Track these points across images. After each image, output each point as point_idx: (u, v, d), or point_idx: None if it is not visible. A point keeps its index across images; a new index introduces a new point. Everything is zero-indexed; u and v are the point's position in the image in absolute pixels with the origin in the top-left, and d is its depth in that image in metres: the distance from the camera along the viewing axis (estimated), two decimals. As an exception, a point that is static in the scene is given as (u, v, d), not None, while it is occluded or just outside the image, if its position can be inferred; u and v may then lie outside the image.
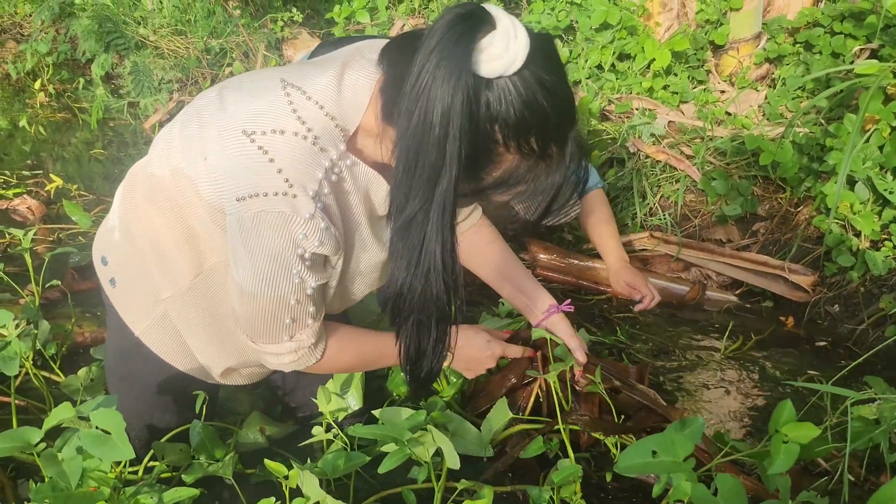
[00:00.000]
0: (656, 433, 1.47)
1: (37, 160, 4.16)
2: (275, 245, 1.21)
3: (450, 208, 1.12)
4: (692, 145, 3.22)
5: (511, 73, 1.07)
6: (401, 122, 1.08)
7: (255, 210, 1.19)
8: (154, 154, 1.37)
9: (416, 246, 1.15)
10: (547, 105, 1.11)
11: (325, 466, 1.51)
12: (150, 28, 4.72)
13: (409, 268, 1.17)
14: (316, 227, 1.21)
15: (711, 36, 3.70)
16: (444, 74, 1.03)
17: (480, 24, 1.05)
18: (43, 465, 1.30)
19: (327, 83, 1.25)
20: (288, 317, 1.30)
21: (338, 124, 1.24)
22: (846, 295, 2.65)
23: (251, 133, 1.21)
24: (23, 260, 2.74)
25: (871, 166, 2.62)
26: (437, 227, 1.12)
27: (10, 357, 1.66)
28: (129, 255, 1.45)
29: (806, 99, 3.32)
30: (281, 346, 1.35)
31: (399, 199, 1.13)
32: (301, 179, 1.19)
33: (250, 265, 1.23)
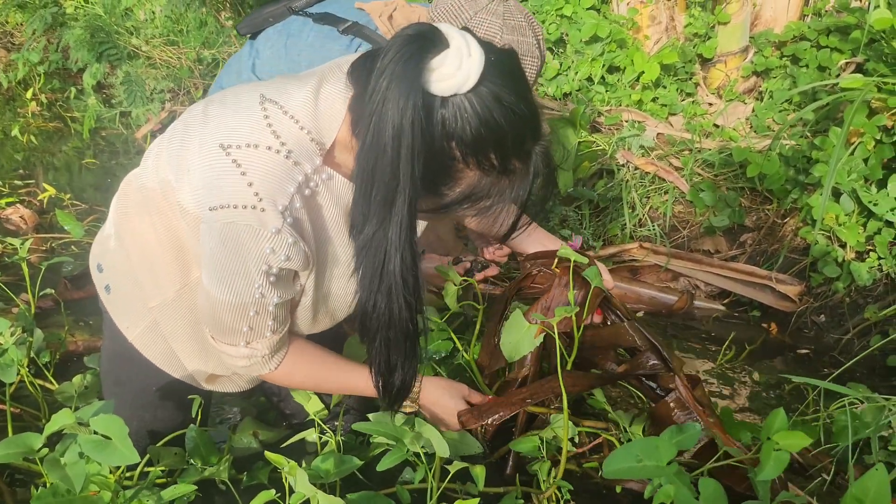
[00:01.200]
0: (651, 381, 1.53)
1: (29, 169, 4.16)
2: (240, 257, 1.23)
3: (406, 226, 1.13)
4: (681, 157, 3.26)
5: (465, 90, 1.08)
6: (358, 143, 1.11)
7: (224, 220, 1.21)
8: (145, 166, 1.40)
9: (378, 265, 1.17)
10: (504, 122, 1.12)
11: (317, 470, 1.53)
12: (143, 38, 4.75)
13: (372, 286, 1.19)
14: (283, 242, 1.22)
15: (700, 49, 3.75)
16: (394, 95, 1.05)
17: (431, 45, 1.07)
18: (46, 470, 1.31)
19: (304, 98, 1.27)
20: (245, 325, 1.32)
21: (313, 138, 1.26)
22: (832, 305, 2.69)
23: (227, 147, 1.23)
24: (15, 269, 2.75)
25: (855, 178, 2.66)
26: (396, 245, 1.14)
27: (7, 364, 1.68)
28: (122, 263, 1.48)
29: (792, 112, 3.37)
30: (236, 350, 1.38)
31: (358, 219, 1.15)
32: (271, 193, 1.21)
33: (215, 272, 1.26)
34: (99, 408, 1.39)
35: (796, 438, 1.40)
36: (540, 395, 1.67)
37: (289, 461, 1.44)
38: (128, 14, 5.06)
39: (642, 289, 2.79)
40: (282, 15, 2.12)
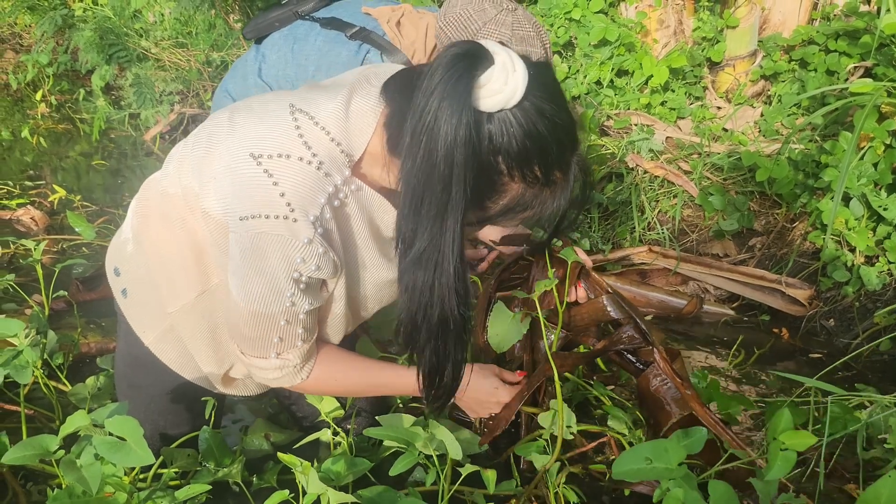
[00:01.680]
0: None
1: (38, 171, 4.18)
2: (271, 266, 1.24)
3: (458, 240, 1.15)
4: (690, 161, 3.26)
5: (511, 105, 1.10)
6: (405, 161, 1.13)
7: (255, 230, 1.22)
8: (167, 171, 1.41)
9: (430, 279, 1.19)
10: (547, 134, 1.14)
11: (328, 472, 1.53)
12: (152, 40, 4.76)
13: (423, 299, 1.21)
14: (314, 252, 1.23)
15: (708, 53, 3.76)
16: (446, 113, 1.07)
17: (479, 62, 1.09)
18: (63, 472, 1.32)
19: (335, 109, 1.28)
20: (276, 336, 1.33)
21: (343, 150, 1.27)
22: (841, 309, 2.69)
23: (258, 156, 1.24)
24: (26, 270, 2.77)
25: (865, 183, 2.66)
26: (449, 259, 1.16)
27: (22, 366, 1.69)
28: (140, 267, 1.48)
29: (801, 116, 3.38)
30: (267, 362, 1.38)
31: (407, 234, 1.17)
32: (303, 204, 1.22)
33: (245, 282, 1.27)
34: (113, 409, 1.40)
35: (802, 438, 1.41)
36: (534, 384, 1.69)
37: (301, 461, 1.45)
38: (137, 16, 5.08)
39: (651, 292, 2.79)
40: (288, 19, 2.12)
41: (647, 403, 1.72)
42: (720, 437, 1.60)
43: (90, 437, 1.36)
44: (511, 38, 1.84)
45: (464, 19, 1.88)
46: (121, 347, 1.67)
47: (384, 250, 1.40)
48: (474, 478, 1.57)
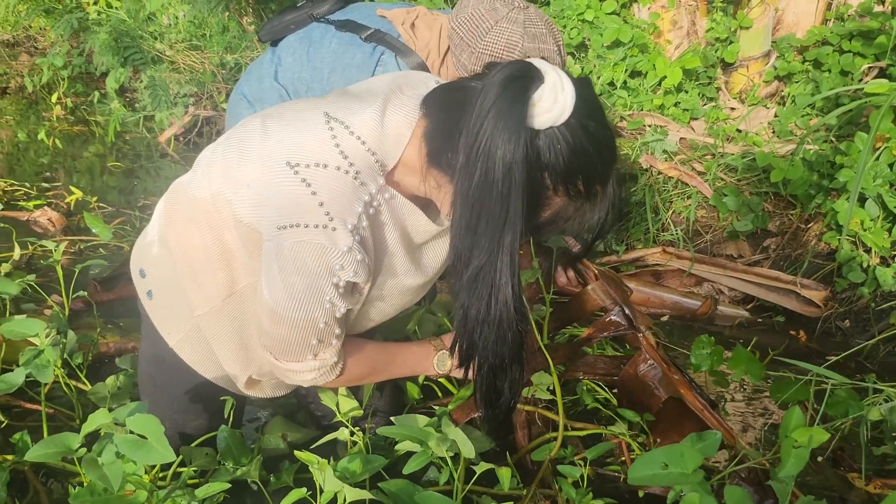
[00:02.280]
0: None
1: (54, 173, 4.22)
2: (311, 274, 1.25)
3: (515, 256, 1.18)
4: (703, 162, 3.26)
5: (560, 123, 1.13)
6: (461, 180, 1.15)
7: (294, 239, 1.23)
8: (194, 176, 1.42)
9: (485, 297, 1.21)
10: (592, 150, 1.17)
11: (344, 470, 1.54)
12: (167, 43, 4.79)
13: (479, 317, 1.24)
14: (352, 259, 1.25)
15: (721, 54, 3.75)
16: (504, 134, 1.10)
17: (532, 81, 1.12)
18: (85, 470, 1.33)
19: (370, 119, 1.31)
20: (315, 338, 1.34)
21: (378, 159, 1.30)
22: (857, 311, 2.68)
23: (295, 165, 1.26)
24: (44, 270, 2.80)
25: (881, 184, 2.66)
26: (506, 276, 1.19)
27: (43, 365, 1.71)
28: (166, 269, 1.49)
29: (815, 116, 3.37)
30: (304, 365, 1.39)
31: (463, 253, 1.20)
32: (341, 213, 1.24)
33: (284, 290, 1.27)
34: (134, 408, 1.42)
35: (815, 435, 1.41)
36: (528, 374, 1.70)
37: (318, 459, 1.46)
38: (151, 19, 5.11)
39: (666, 294, 2.79)
40: (303, 22, 2.13)
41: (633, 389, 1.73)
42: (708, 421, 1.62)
43: (111, 435, 1.37)
44: (523, 36, 1.85)
45: (476, 18, 1.89)
46: (144, 348, 1.68)
47: (413, 257, 1.42)
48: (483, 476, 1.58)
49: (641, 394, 1.71)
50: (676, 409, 1.68)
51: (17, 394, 1.91)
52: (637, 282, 2.82)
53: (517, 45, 1.85)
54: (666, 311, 2.79)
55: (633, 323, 1.70)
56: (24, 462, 1.69)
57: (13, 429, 1.87)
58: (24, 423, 1.98)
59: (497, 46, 1.86)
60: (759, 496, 1.56)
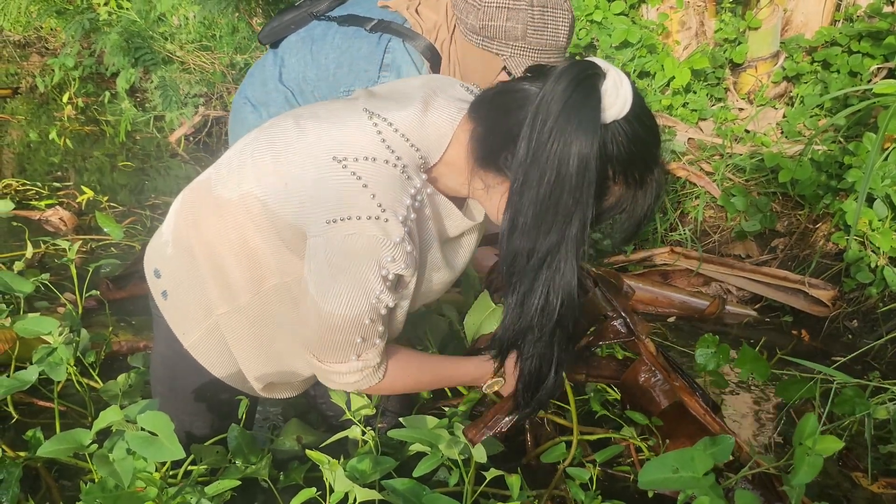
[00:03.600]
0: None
1: (65, 172, 4.25)
2: (361, 267, 1.27)
3: (580, 248, 1.22)
4: (711, 162, 3.26)
5: (622, 116, 1.18)
6: (528, 181, 1.19)
7: (346, 233, 1.25)
8: (219, 176, 1.43)
9: (548, 285, 1.25)
10: (648, 139, 1.23)
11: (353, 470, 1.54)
12: (177, 43, 4.82)
13: (538, 305, 1.27)
14: (403, 251, 1.27)
15: (730, 54, 3.75)
16: (579, 131, 1.14)
17: (598, 79, 1.16)
18: (96, 466, 1.35)
19: (411, 116, 1.34)
20: (359, 336, 1.34)
21: (422, 156, 1.33)
22: (865, 311, 2.68)
23: (343, 159, 1.28)
24: (56, 269, 2.82)
25: (889, 184, 2.66)
26: (571, 266, 1.23)
27: (56, 363, 1.73)
28: (183, 270, 1.50)
29: (824, 117, 3.37)
30: (348, 366, 1.39)
31: (524, 247, 1.23)
32: (392, 205, 1.26)
33: (333, 284, 1.29)
34: (145, 405, 1.43)
35: (828, 443, 1.41)
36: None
37: (329, 459, 1.47)
38: (161, 20, 5.14)
39: (674, 293, 2.80)
40: (303, 21, 2.10)
41: (635, 395, 1.74)
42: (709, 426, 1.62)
43: (122, 432, 1.39)
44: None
45: None
46: (158, 348, 1.68)
47: (446, 253, 1.45)
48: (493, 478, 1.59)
49: (643, 400, 1.72)
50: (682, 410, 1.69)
51: (30, 391, 1.94)
52: (645, 281, 2.83)
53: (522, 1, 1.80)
54: (674, 311, 2.80)
55: (633, 330, 1.70)
56: (37, 458, 1.71)
57: (26, 426, 1.89)
58: (36, 421, 2.00)
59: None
60: (766, 499, 1.56)
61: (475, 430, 1.64)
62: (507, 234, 1.25)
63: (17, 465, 1.66)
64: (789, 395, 2.00)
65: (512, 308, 1.31)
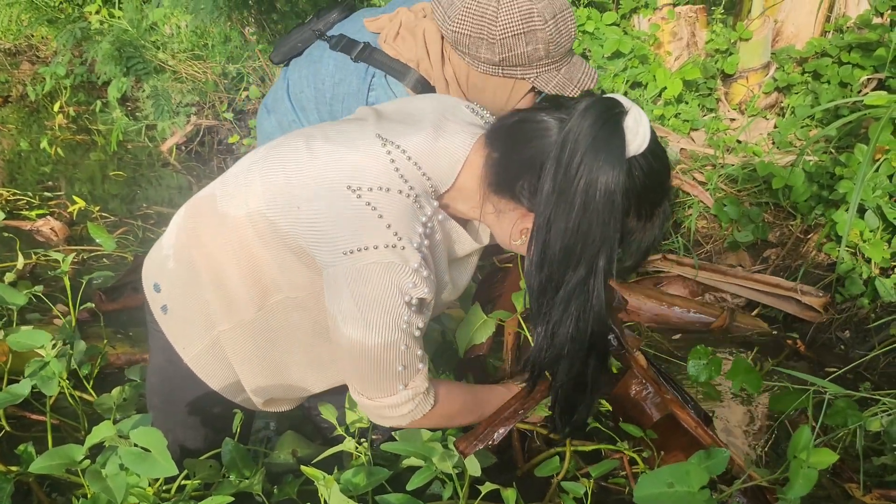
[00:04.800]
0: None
1: (56, 182, 4.23)
2: (384, 295, 1.27)
3: (608, 278, 1.26)
4: (704, 172, 3.28)
5: (640, 152, 1.21)
6: (557, 214, 1.22)
7: (365, 263, 1.26)
8: (225, 192, 1.43)
9: (577, 316, 1.29)
10: (661, 172, 1.27)
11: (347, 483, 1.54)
12: (169, 52, 4.82)
13: (569, 334, 1.31)
14: (421, 277, 1.29)
15: (721, 65, 3.77)
16: (606, 165, 1.17)
17: (622, 115, 1.20)
18: (88, 482, 1.34)
19: (423, 143, 1.36)
20: (399, 364, 1.35)
21: (433, 184, 1.35)
22: (857, 321, 2.69)
23: (357, 189, 1.29)
24: (48, 280, 2.81)
25: (880, 195, 2.67)
26: (599, 296, 1.27)
27: (48, 377, 1.72)
28: (184, 284, 1.49)
29: (815, 128, 3.39)
30: (398, 397, 1.39)
31: (555, 278, 1.27)
32: (407, 233, 1.28)
33: (360, 316, 1.29)
34: (138, 420, 1.43)
35: (823, 456, 1.42)
36: (531, 404, 1.69)
37: (325, 475, 1.47)
38: (153, 29, 5.14)
39: (680, 308, 2.79)
40: (308, 39, 2.11)
41: (627, 408, 1.74)
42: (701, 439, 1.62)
43: (115, 447, 1.38)
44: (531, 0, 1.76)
45: (474, 9, 1.75)
46: (155, 362, 1.66)
47: (452, 273, 1.47)
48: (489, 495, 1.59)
49: (634, 412, 1.72)
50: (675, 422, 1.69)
51: (22, 404, 1.92)
52: (635, 291, 2.82)
53: (533, 12, 1.73)
54: (681, 329, 2.78)
55: (623, 343, 1.71)
56: (29, 474, 1.70)
57: (18, 439, 1.88)
58: (28, 434, 1.99)
59: (514, 24, 1.74)
60: None
61: (466, 442, 1.65)
62: (535, 266, 1.28)
63: (8, 481, 1.65)
64: (782, 407, 2.01)
65: (542, 337, 1.34)
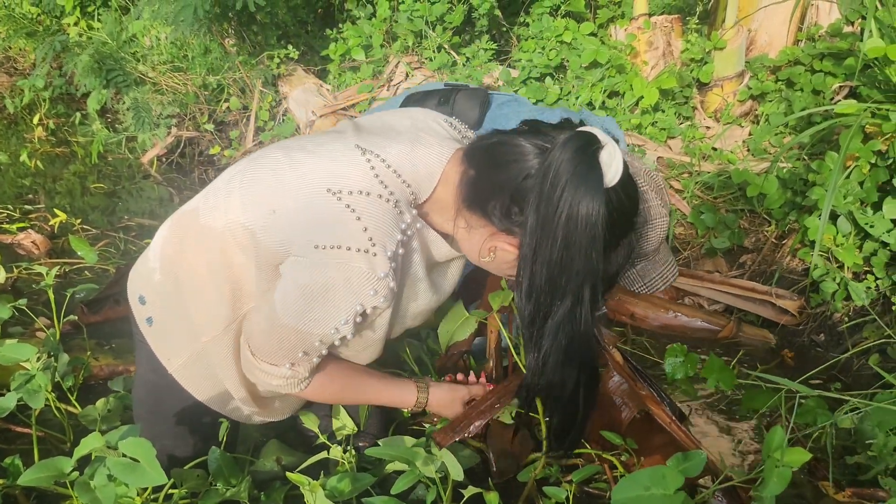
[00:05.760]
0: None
1: (36, 195, 4.21)
2: (337, 296, 1.30)
3: (595, 306, 1.30)
4: (681, 180, 3.33)
5: (615, 182, 1.24)
6: (542, 242, 1.25)
7: (333, 260, 1.28)
8: (206, 205, 1.45)
9: (568, 341, 1.33)
10: (631, 205, 1.31)
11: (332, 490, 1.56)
12: (149, 65, 4.82)
13: (559, 360, 1.36)
14: (386, 286, 1.30)
15: (697, 74, 3.84)
16: (587, 197, 1.21)
17: (599, 149, 1.23)
18: (77, 493, 1.35)
19: (402, 153, 1.38)
20: (302, 351, 1.38)
21: (412, 192, 1.37)
22: (831, 325, 2.75)
23: (337, 192, 1.31)
24: (31, 293, 2.81)
25: (852, 201, 2.73)
26: (588, 321, 1.30)
27: (34, 390, 1.73)
28: (169, 297, 1.51)
29: (789, 135, 3.45)
30: (278, 370, 1.42)
31: (542, 307, 1.31)
32: (382, 239, 1.29)
33: (302, 303, 1.31)
34: (126, 431, 1.44)
35: (796, 454, 1.46)
36: (506, 399, 1.73)
37: (310, 480, 1.49)
38: (133, 41, 5.13)
39: (687, 315, 2.82)
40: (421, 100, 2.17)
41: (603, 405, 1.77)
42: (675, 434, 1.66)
43: (103, 458, 1.39)
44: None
45: None
46: (143, 375, 1.68)
47: (432, 276, 1.48)
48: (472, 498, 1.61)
49: (611, 410, 1.75)
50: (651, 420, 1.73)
51: (7, 417, 1.92)
52: (654, 307, 2.84)
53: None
54: (688, 337, 2.81)
55: (601, 341, 1.74)
56: (16, 486, 1.70)
57: (4, 452, 1.88)
58: (14, 447, 1.99)
59: None
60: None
61: (443, 434, 1.69)
62: (524, 296, 1.32)
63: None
64: (755, 406, 2.06)
65: (534, 364, 1.38)
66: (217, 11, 4.08)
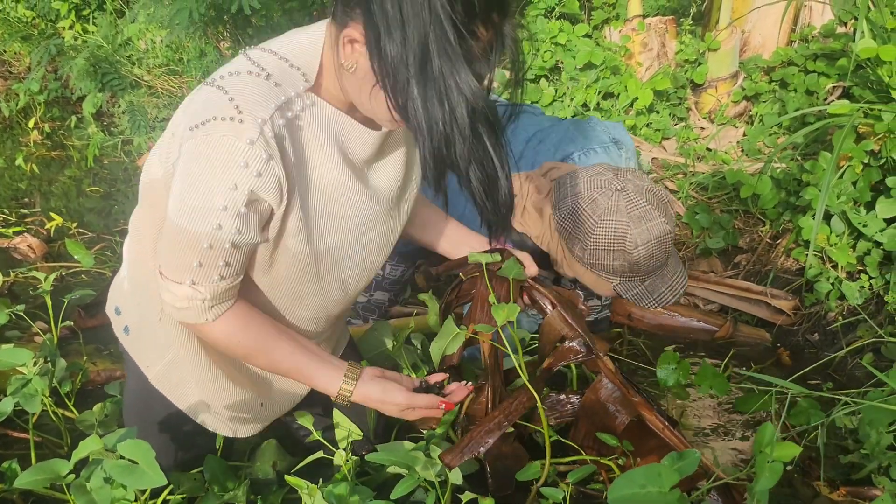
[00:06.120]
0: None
1: (32, 198, 4.21)
2: (210, 175, 1.22)
3: (451, 54, 1.13)
4: (675, 180, 3.34)
5: None
6: (378, 12, 1.12)
7: (201, 135, 1.21)
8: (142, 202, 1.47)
9: (439, 89, 1.15)
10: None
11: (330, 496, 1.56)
12: (145, 68, 4.82)
13: (444, 111, 1.16)
14: (257, 156, 1.20)
15: (691, 75, 3.85)
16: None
17: None
18: (74, 496, 1.36)
19: (284, 38, 1.31)
20: (196, 260, 1.28)
21: (300, 69, 1.28)
22: (825, 324, 2.76)
23: (212, 81, 1.27)
24: (27, 297, 2.81)
25: (845, 201, 2.75)
26: (457, 72, 1.14)
27: (31, 394, 1.73)
28: (138, 305, 1.53)
29: (782, 135, 3.47)
30: (180, 289, 1.33)
31: (397, 54, 1.14)
32: (251, 108, 1.21)
33: (181, 193, 1.25)
34: (124, 434, 1.45)
35: (786, 449, 1.47)
36: (515, 415, 1.69)
37: (308, 484, 1.50)
38: (128, 44, 5.13)
39: (684, 317, 2.83)
40: None
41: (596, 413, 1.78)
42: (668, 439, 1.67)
43: (100, 461, 1.40)
44: (629, 224, 1.91)
45: (578, 214, 1.96)
46: (128, 381, 1.71)
47: (360, 177, 1.38)
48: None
49: (605, 417, 1.76)
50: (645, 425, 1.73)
51: (4, 422, 1.93)
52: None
53: (625, 235, 1.92)
54: (685, 338, 2.82)
55: (592, 349, 1.73)
56: (13, 490, 1.71)
57: (1, 457, 1.89)
58: (11, 452, 2.00)
59: (606, 241, 1.93)
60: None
61: (451, 454, 1.66)
62: (379, 73, 1.17)
63: (-8, 498, 1.67)
64: (748, 407, 2.07)
65: (417, 133, 1.20)
66: (212, 14, 4.08)
